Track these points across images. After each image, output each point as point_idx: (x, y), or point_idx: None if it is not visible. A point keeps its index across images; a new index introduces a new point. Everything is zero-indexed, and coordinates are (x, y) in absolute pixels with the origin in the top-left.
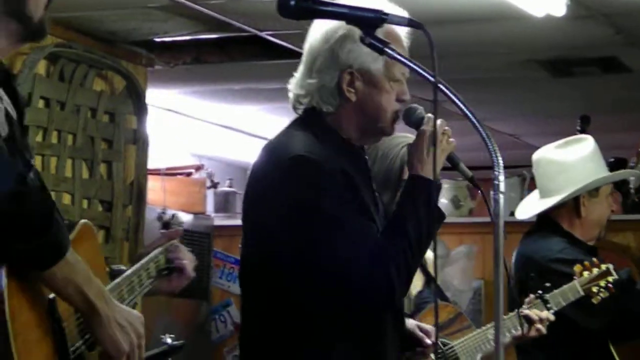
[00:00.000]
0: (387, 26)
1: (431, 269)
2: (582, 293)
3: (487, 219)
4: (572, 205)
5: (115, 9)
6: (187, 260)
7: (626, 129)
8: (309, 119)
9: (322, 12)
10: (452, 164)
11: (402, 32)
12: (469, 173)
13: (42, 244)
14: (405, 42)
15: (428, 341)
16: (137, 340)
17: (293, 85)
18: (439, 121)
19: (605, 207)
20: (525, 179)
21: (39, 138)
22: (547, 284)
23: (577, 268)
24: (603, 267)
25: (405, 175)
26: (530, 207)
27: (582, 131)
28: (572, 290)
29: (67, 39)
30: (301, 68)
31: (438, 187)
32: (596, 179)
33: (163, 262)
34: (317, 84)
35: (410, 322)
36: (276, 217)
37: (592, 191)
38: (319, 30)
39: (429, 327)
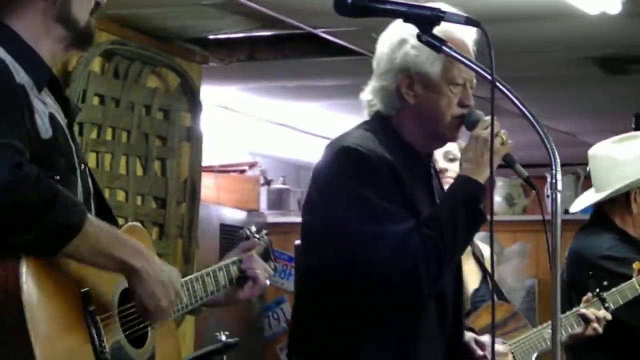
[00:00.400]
0: (451, 31)
1: (487, 266)
2: None
3: (541, 217)
4: (623, 201)
5: (170, 7)
6: (261, 270)
7: None
8: (373, 122)
9: (378, 10)
10: (508, 165)
11: (468, 38)
12: (525, 173)
13: (45, 231)
14: (472, 48)
15: (480, 353)
16: (175, 298)
17: (365, 91)
18: (496, 124)
19: None
20: (580, 177)
21: (93, 135)
22: (605, 283)
23: (636, 265)
24: None
25: None
26: (583, 201)
27: (637, 129)
28: (631, 289)
29: (121, 37)
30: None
31: (484, 190)
32: None
33: (236, 272)
34: (379, 88)
35: (467, 335)
36: (327, 198)
37: None
38: (384, 35)
39: (485, 339)
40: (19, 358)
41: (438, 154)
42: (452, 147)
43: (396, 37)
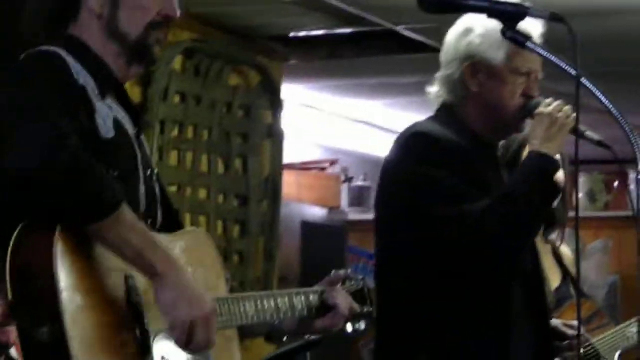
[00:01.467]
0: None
1: (568, 265)
2: None
3: (623, 213)
4: None
5: (252, 4)
6: (343, 300)
7: None
8: (441, 112)
9: (463, 6)
10: (578, 135)
11: (535, 32)
12: (596, 137)
13: (84, 195)
14: (539, 41)
15: (571, 332)
16: (202, 318)
17: (433, 84)
18: (556, 103)
19: None
20: None
21: (175, 133)
22: None
23: None
24: None
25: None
26: None
27: None
28: None
29: (203, 35)
30: None
31: (555, 162)
32: None
33: (316, 302)
34: (445, 77)
35: (555, 321)
36: (400, 183)
37: None
38: (451, 30)
39: (573, 322)
40: (50, 328)
41: None
42: None
43: (462, 27)
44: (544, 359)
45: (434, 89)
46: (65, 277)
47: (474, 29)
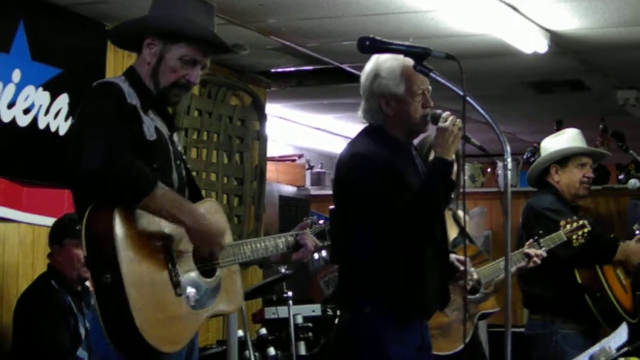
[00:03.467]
0: (406, 67)
1: (461, 223)
2: (565, 239)
3: (494, 189)
4: (552, 172)
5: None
6: (310, 241)
7: (587, 129)
8: (370, 129)
9: (387, 48)
10: (465, 140)
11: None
12: (477, 143)
13: (124, 190)
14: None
15: (462, 267)
16: (217, 244)
17: (359, 111)
18: (451, 117)
19: (574, 175)
20: (519, 163)
21: (194, 136)
22: (540, 231)
23: (562, 223)
24: (580, 222)
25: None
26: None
27: (558, 130)
28: (558, 236)
29: (213, 70)
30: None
31: (451, 164)
32: (559, 150)
33: (292, 242)
34: (368, 109)
35: (451, 256)
36: (349, 190)
37: (561, 161)
38: (363, 74)
39: (462, 258)
40: (111, 273)
41: None
42: None
43: (372, 74)
44: (445, 279)
45: (360, 115)
46: (120, 239)
47: (380, 73)
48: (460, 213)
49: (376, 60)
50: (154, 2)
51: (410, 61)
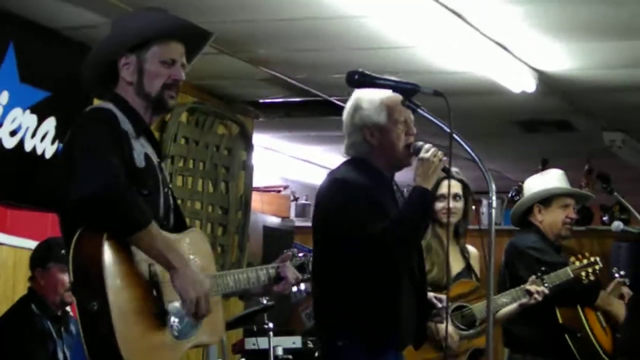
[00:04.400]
0: (386, 97)
1: (469, 259)
2: (571, 276)
3: (477, 227)
4: (535, 212)
5: (234, 79)
6: (291, 274)
7: (573, 169)
8: (352, 160)
9: (376, 83)
10: (445, 172)
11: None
12: (458, 177)
13: (124, 219)
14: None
15: (439, 305)
16: (204, 295)
17: (344, 148)
18: (432, 150)
19: (557, 215)
20: (504, 201)
21: (181, 164)
22: (543, 268)
23: (572, 259)
24: (592, 259)
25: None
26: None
27: (543, 169)
28: (564, 273)
29: (200, 98)
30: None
31: (430, 194)
32: (542, 190)
33: (273, 274)
34: (351, 142)
35: (429, 294)
36: (328, 216)
37: (545, 201)
38: (344, 111)
39: (442, 297)
40: (98, 301)
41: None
42: (458, 190)
43: (352, 108)
44: (422, 316)
45: (344, 151)
46: (108, 267)
47: (361, 105)
48: (473, 250)
49: (356, 95)
50: (111, 28)
51: (392, 93)
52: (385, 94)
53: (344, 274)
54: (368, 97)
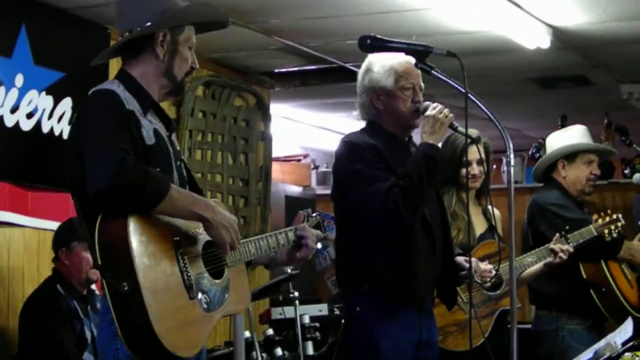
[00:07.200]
0: (398, 62)
1: (492, 220)
2: (595, 234)
3: (499, 186)
4: (559, 168)
5: (249, 50)
6: (310, 235)
7: (591, 124)
8: (368, 126)
9: (388, 47)
10: (453, 129)
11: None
12: (463, 131)
13: (141, 197)
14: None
15: (467, 265)
16: (236, 235)
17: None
18: (439, 107)
19: (581, 171)
20: (524, 159)
21: (199, 138)
22: (567, 227)
23: (594, 217)
24: (614, 216)
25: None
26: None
27: (562, 126)
28: (588, 231)
29: (216, 71)
30: None
31: (436, 149)
32: (568, 145)
33: (292, 236)
34: (361, 104)
35: (458, 258)
36: (338, 177)
37: (569, 157)
38: (359, 72)
39: (473, 259)
40: (128, 281)
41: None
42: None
43: (364, 69)
44: (451, 279)
45: (356, 112)
46: (136, 247)
47: (372, 68)
48: (496, 211)
49: (369, 59)
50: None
51: (406, 58)
52: (398, 58)
53: (357, 233)
54: (380, 62)
